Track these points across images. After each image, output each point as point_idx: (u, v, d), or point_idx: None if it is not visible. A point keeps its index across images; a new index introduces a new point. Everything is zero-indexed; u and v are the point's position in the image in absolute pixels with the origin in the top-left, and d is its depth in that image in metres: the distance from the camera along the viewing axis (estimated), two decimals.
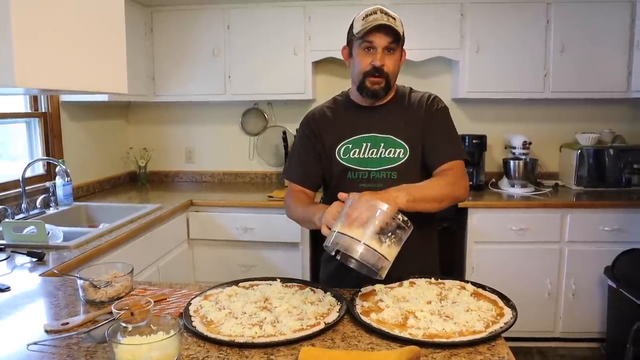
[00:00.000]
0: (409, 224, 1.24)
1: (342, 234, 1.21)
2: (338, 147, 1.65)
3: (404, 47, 1.62)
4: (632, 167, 3.30)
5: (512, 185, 3.36)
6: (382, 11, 1.55)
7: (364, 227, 1.20)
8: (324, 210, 1.36)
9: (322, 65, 3.61)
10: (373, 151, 1.62)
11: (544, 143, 3.64)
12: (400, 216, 1.23)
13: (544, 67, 3.26)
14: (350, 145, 1.64)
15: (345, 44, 1.68)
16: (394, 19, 1.55)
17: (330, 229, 1.28)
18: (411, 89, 1.72)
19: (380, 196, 1.27)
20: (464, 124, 3.62)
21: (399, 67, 1.63)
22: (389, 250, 1.21)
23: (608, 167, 3.33)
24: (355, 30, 1.57)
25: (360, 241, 1.19)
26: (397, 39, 1.54)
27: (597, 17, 3.20)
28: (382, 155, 1.61)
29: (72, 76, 1.12)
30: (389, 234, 1.21)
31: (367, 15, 1.55)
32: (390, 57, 1.57)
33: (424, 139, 1.62)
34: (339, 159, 1.64)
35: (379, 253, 1.19)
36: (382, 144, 1.62)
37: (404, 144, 1.61)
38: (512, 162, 3.35)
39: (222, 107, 3.83)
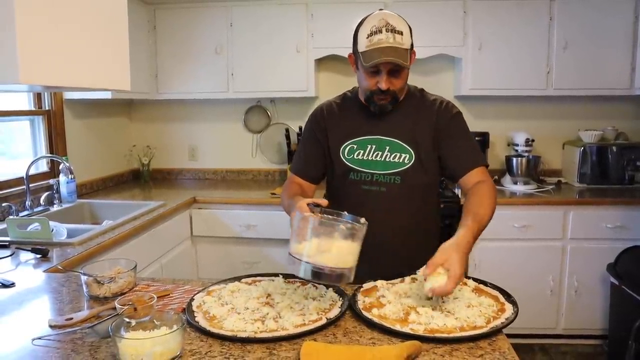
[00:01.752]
0: (357, 226, 1.21)
1: (291, 255, 1.20)
2: (343, 146, 1.65)
3: (413, 49, 1.56)
4: (635, 164, 3.29)
5: (515, 183, 3.36)
6: (387, 28, 1.46)
7: (306, 246, 1.18)
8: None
9: (325, 62, 3.61)
10: (378, 154, 1.61)
11: (547, 140, 3.64)
12: (342, 226, 1.20)
13: (546, 64, 3.26)
14: (355, 146, 1.63)
15: (350, 46, 1.62)
16: (402, 33, 1.47)
17: None
18: (423, 90, 1.70)
19: (464, 252, 1.25)
20: (467, 121, 3.58)
21: (407, 78, 1.60)
22: (345, 258, 1.19)
23: (611, 164, 3.33)
24: (359, 48, 1.51)
25: (308, 263, 1.17)
26: (403, 60, 1.47)
27: (601, 14, 3.19)
28: (387, 159, 1.61)
29: (76, 72, 1.13)
30: (346, 240, 1.19)
31: (372, 33, 1.47)
32: (397, 76, 1.53)
33: (441, 148, 1.61)
34: (343, 159, 1.64)
35: (336, 268, 1.17)
36: (388, 147, 1.61)
37: (410, 149, 1.60)
38: (514, 160, 3.35)
39: (225, 105, 3.83)
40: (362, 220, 1.23)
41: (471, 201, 1.47)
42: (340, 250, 1.18)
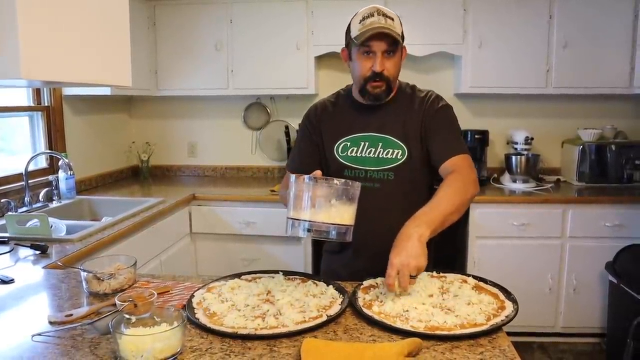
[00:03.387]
0: (350, 183, 1.26)
1: (290, 218, 1.25)
2: (337, 144, 1.66)
3: (404, 44, 1.59)
4: (634, 163, 3.30)
5: (514, 181, 3.36)
6: (379, 12, 1.51)
7: (304, 207, 1.23)
8: None
9: (325, 60, 3.61)
10: (371, 150, 1.63)
11: (546, 139, 3.64)
12: (336, 181, 1.25)
13: (546, 62, 3.26)
14: (349, 143, 1.64)
15: (344, 44, 1.65)
16: (392, 19, 1.51)
17: None
18: (414, 87, 1.71)
19: (404, 242, 1.29)
20: (466, 119, 3.62)
21: (400, 67, 1.61)
22: (342, 216, 1.24)
23: (610, 163, 3.33)
24: (352, 34, 1.54)
25: (305, 220, 1.22)
26: (395, 42, 1.51)
27: (600, 13, 3.19)
28: (380, 155, 1.62)
29: (77, 68, 1.13)
30: (340, 201, 1.24)
31: (364, 18, 1.51)
32: (390, 59, 1.55)
33: (427, 141, 1.61)
34: (337, 156, 1.65)
35: (334, 224, 1.23)
36: (380, 144, 1.62)
37: (402, 145, 1.61)
38: (514, 158, 3.36)
39: (225, 102, 3.83)
40: (357, 183, 1.28)
41: (437, 191, 1.48)
42: (337, 208, 1.23)
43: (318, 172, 1.33)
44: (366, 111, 1.64)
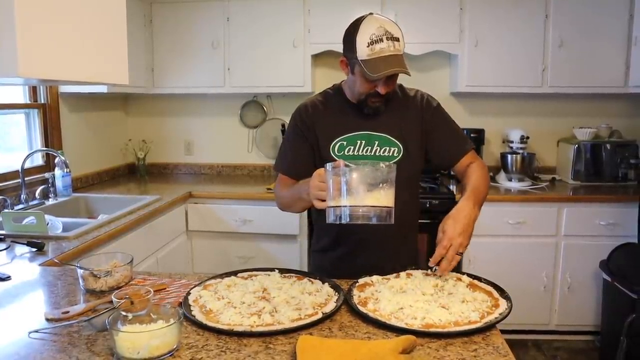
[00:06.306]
0: (392, 166, 1.25)
1: (337, 206, 1.22)
2: (332, 143, 1.65)
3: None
4: (629, 161, 3.32)
5: (510, 179, 3.38)
6: (387, 36, 1.46)
7: (354, 193, 1.21)
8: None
9: (321, 58, 3.61)
10: (367, 149, 1.64)
11: (542, 137, 3.65)
12: (382, 164, 1.24)
13: (542, 61, 3.27)
14: (345, 142, 1.64)
15: (340, 44, 1.60)
16: (398, 39, 1.48)
17: (322, 200, 1.28)
18: (402, 85, 1.72)
19: (463, 218, 1.37)
20: (462, 118, 3.62)
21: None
22: (386, 198, 1.23)
23: (605, 161, 3.35)
24: (359, 56, 1.48)
25: (358, 206, 1.21)
26: (405, 67, 1.49)
27: (596, 13, 3.20)
28: (377, 154, 1.63)
29: (74, 66, 1.13)
30: (380, 184, 1.22)
31: (372, 42, 1.46)
32: (394, 80, 1.56)
33: (430, 140, 1.66)
34: (334, 156, 1.65)
35: (378, 206, 1.22)
36: (377, 142, 1.63)
37: (398, 143, 1.63)
38: (509, 156, 3.37)
39: (221, 100, 3.83)
40: (394, 165, 1.26)
41: (468, 177, 1.59)
42: (384, 191, 1.22)
43: (340, 162, 1.27)
44: (359, 110, 1.64)
